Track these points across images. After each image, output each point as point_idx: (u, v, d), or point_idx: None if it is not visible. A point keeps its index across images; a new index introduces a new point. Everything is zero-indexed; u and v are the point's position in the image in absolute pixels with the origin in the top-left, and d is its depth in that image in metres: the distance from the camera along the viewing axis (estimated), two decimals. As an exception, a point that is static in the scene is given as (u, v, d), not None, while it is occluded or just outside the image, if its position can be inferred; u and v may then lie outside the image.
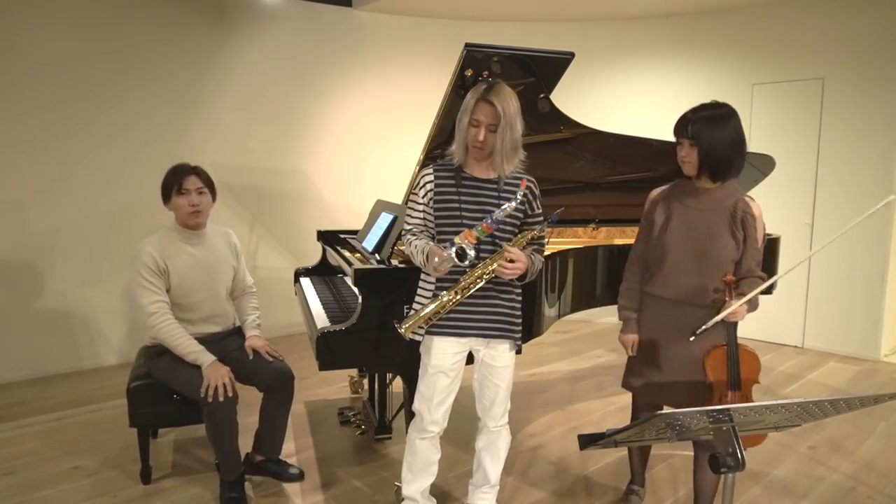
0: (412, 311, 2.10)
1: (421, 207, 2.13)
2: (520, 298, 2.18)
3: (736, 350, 2.06)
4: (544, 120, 3.17)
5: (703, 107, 2.08)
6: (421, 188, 2.13)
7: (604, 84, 5.74)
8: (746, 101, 5.22)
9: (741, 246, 2.09)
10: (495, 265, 1.99)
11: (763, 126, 5.17)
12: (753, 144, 5.21)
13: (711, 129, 2.03)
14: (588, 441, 1.54)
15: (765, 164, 3.87)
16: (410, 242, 2.11)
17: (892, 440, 3.34)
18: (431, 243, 2.02)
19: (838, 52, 4.81)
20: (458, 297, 2.03)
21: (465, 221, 2.04)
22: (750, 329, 5.15)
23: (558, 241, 3.57)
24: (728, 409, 1.35)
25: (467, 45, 2.56)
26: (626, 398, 3.98)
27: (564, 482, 2.85)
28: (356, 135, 5.59)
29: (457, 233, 1.98)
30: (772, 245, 3.97)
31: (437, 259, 1.92)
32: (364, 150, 5.61)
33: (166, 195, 2.63)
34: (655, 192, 2.27)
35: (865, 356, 4.86)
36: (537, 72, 2.90)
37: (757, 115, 5.20)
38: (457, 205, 2.06)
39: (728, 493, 1.52)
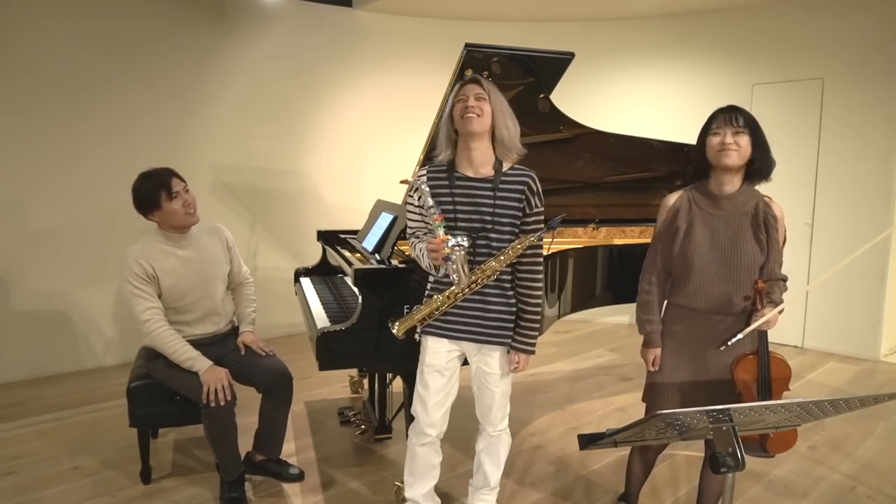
0: (411, 312, 2.10)
1: (417, 210, 2.10)
2: (514, 301, 2.10)
3: (767, 358, 2.01)
4: (544, 120, 3.17)
5: (739, 107, 2.09)
6: (416, 190, 2.08)
7: (604, 84, 5.73)
8: (746, 101, 5.20)
9: (765, 249, 2.03)
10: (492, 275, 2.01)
11: (763, 126, 5.14)
12: (753, 144, 5.20)
13: (759, 127, 2.05)
14: (588, 441, 1.54)
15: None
16: (415, 246, 2.11)
17: (892, 440, 3.34)
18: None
19: (838, 52, 4.81)
20: (451, 300, 2.02)
21: (459, 224, 2.02)
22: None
23: (558, 241, 3.57)
24: (728, 409, 1.35)
25: (467, 45, 2.56)
26: (626, 398, 3.99)
27: (564, 482, 2.85)
28: (356, 135, 5.58)
29: (452, 234, 1.97)
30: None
31: (432, 247, 1.94)
32: (364, 150, 5.61)
33: (153, 204, 2.51)
34: (671, 198, 2.15)
35: (865, 356, 4.86)
36: (537, 72, 2.90)
37: (757, 115, 5.14)
38: (451, 206, 2.03)
39: (728, 493, 1.52)
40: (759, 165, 2.02)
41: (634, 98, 5.72)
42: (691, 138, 2.17)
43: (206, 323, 2.70)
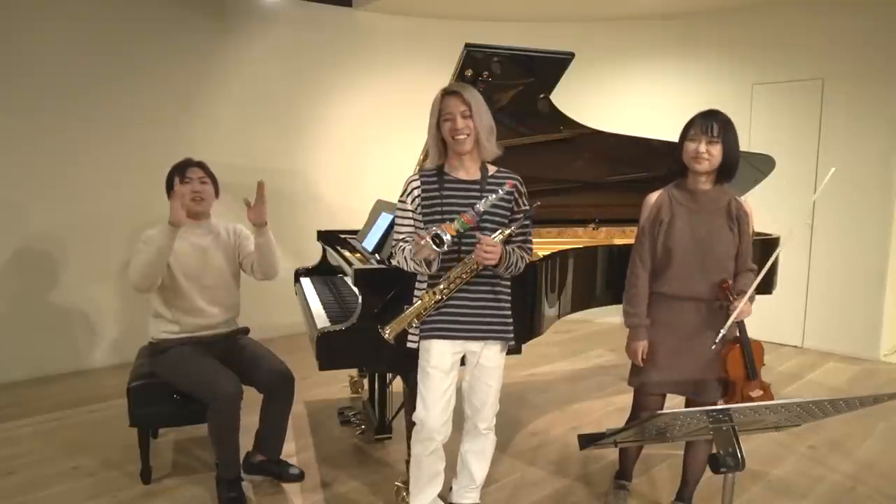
0: (400, 314, 2.07)
1: (409, 215, 2.14)
2: (509, 299, 2.19)
3: (749, 345, 2.22)
4: (544, 120, 3.17)
5: (716, 111, 2.18)
6: (408, 195, 2.15)
7: (604, 84, 5.73)
8: (746, 101, 5.22)
9: (737, 241, 2.22)
10: (472, 255, 2.01)
11: (763, 126, 5.17)
12: (753, 144, 5.22)
13: (732, 132, 2.16)
14: (588, 441, 1.54)
15: (764, 165, 3.86)
16: (403, 250, 2.10)
17: (892, 440, 3.34)
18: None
19: (838, 52, 4.81)
20: (439, 297, 2.03)
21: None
22: (750, 328, 5.14)
23: (558, 241, 3.57)
24: (728, 409, 1.35)
25: (467, 45, 2.56)
26: (627, 398, 3.97)
27: (564, 482, 2.85)
28: (356, 135, 5.58)
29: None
30: (772, 245, 3.97)
31: (414, 247, 1.95)
32: (364, 150, 5.61)
33: (169, 186, 2.64)
34: (653, 196, 2.34)
35: (865, 356, 4.86)
36: (537, 72, 2.90)
37: (757, 116, 5.19)
38: (439, 208, 2.08)
39: (728, 493, 1.52)
40: (726, 170, 2.19)
41: (634, 98, 5.72)
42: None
43: (206, 315, 2.71)
